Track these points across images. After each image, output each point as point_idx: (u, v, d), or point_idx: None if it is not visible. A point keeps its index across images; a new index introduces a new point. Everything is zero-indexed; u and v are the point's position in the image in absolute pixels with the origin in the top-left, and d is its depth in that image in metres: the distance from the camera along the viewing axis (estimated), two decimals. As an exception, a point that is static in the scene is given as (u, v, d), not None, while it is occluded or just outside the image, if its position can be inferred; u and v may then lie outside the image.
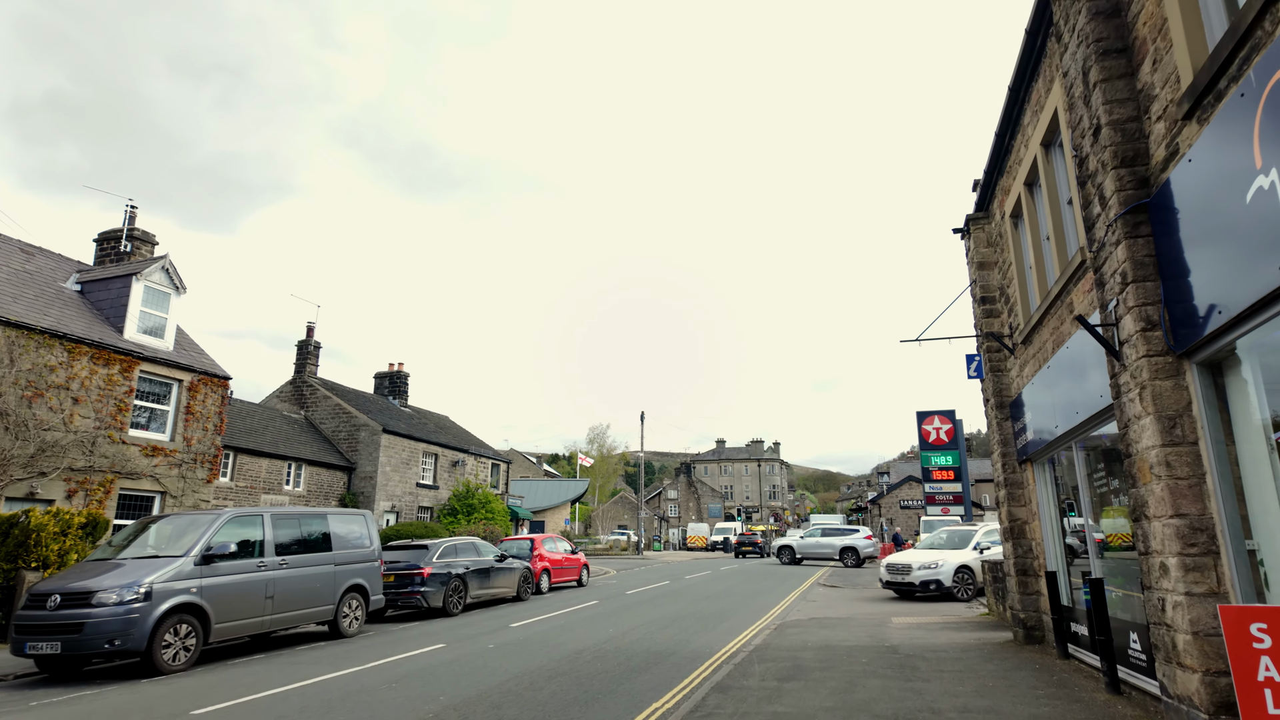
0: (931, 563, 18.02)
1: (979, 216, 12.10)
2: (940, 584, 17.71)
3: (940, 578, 17.74)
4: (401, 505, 31.35)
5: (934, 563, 18.00)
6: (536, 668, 9.77)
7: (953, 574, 17.76)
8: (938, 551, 18.82)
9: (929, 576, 17.82)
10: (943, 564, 17.91)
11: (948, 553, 18.47)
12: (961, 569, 17.86)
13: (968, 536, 19.09)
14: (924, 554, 18.99)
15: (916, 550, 20.13)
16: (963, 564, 17.92)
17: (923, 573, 17.92)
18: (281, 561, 11.85)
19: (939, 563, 17.97)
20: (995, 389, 11.39)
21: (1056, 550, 9.93)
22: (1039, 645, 10.34)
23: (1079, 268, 7.53)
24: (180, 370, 19.95)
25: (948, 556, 18.18)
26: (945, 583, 17.69)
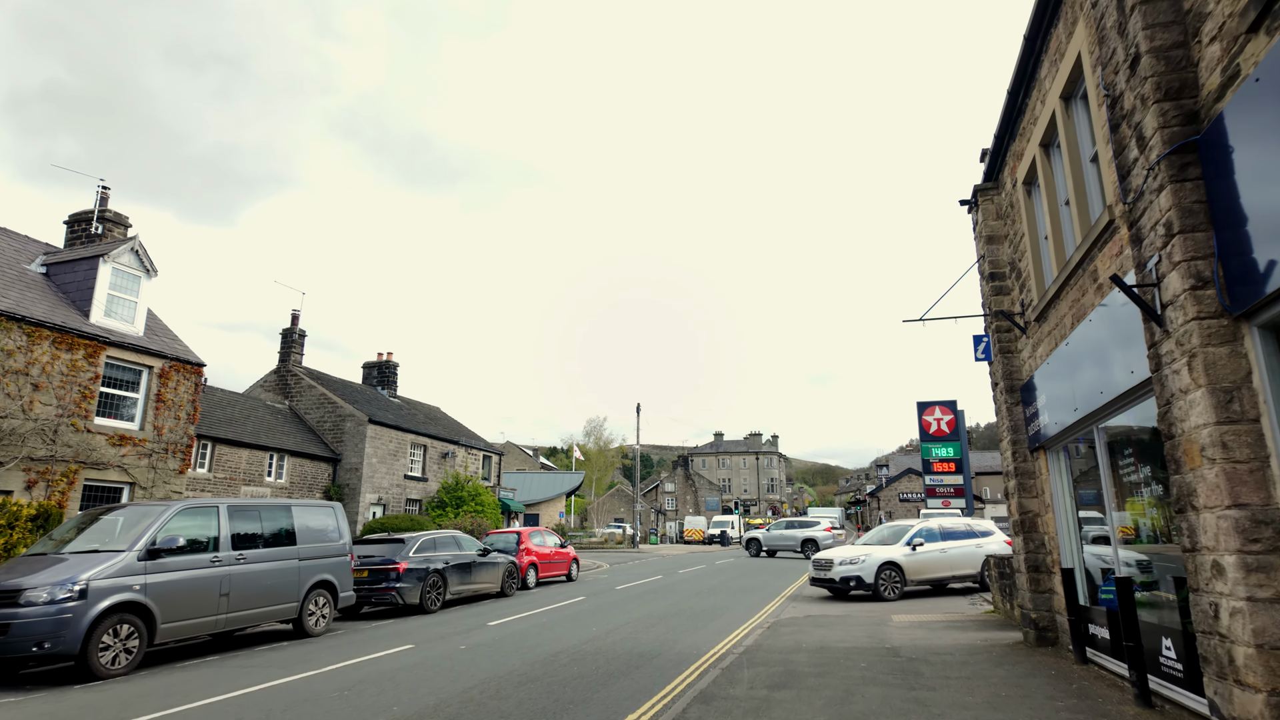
0: (854, 558, 16.83)
1: (987, 187, 11.27)
2: (861, 581, 16.48)
3: (862, 574, 16.50)
4: (389, 497, 30.58)
5: (857, 558, 16.80)
6: (507, 672, 8.98)
7: (876, 571, 16.43)
8: (866, 547, 17.65)
9: (850, 573, 16.63)
10: (866, 560, 16.65)
11: (875, 549, 17.25)
12: (887, 566, 16.59)
13: (902, 532, 17.95)
14: (850, 549, 17.94)
15: (846, 545, 19.01)
16: (888, 561, 16.64)
17: (843, 569, 16.76)
18: (239, 556, 11.05)
19: (862, 558, 16.74)
20: (1005, 372, 10.59)
21: (1071, 545, 9.15)
22: (1052, 648, 9.56)
23: (1106, 229, 6.70)
24: (150, 356, 19.12)
25: (874, 553, 16.95)
26: (866, 579, 16.43)
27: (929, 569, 17.08)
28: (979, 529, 18.45)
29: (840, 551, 17.82)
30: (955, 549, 17.53)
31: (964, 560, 17.54)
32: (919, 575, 16.92)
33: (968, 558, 17.58)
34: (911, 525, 18.35)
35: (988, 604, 15.72)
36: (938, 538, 17.55)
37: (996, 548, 17.65)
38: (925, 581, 17.08)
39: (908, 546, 17.03)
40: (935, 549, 17.28)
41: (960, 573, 17.45)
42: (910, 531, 17.68)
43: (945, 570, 17.28)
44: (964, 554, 17.57)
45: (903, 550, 16.95)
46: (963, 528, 18.24)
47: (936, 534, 17.63)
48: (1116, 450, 7.33)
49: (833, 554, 17.73)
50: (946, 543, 17.51)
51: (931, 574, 17.10)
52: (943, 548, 17.42)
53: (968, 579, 17.66)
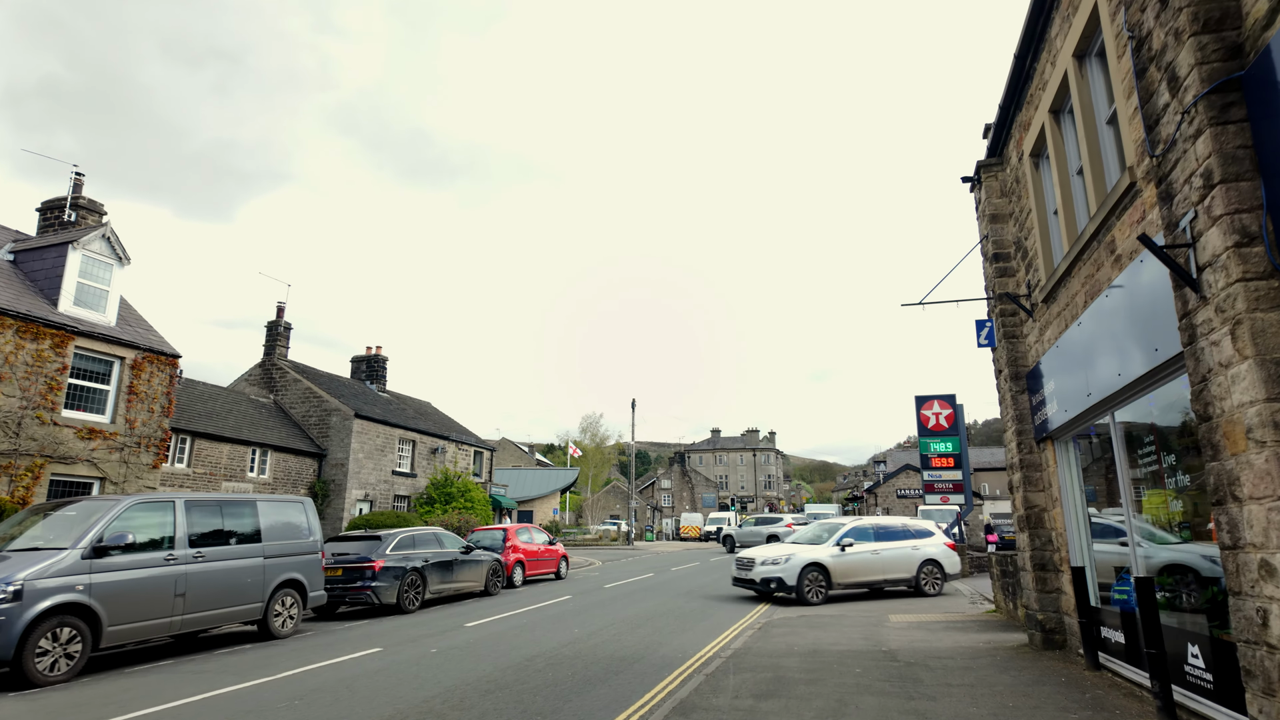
0: (778, 558, 15.54)
1: (991, 163, 10.64)
2: (783, 583, 15.14)
3: (784, 575, 15.16)
4: (376, 494, 29.93)
5: (780, 558, 15.50)
6: (476, 679, 8.35)
7: (799, 573, 15.12)
8: (792, 546, 16.41)
9: (771, 574, 15.34)
10: (790, 560, 15.34)
11: (802, 548, 15.96)
12: (811, 567, 15.26)
13: (834, 530, 16.68)
14: (774, 548, 16.79)
15: (771, 545, 17.74)
16: (813, 561, 15.31)
17: (765, 569, 15.50)
18: (196, 554, 10.40)
19: (786, 558, 15.43)
20: (1009, 358, 9.96)
21: (1081, 542, 8.53)
22: (1060, 651, 8.95)
23: (1125, 194, 6.07)
24: (122, 347, 18.44)
25: (799, 553, 15.64)
26: (789, 581, 15.07)
27: (858, 571, 15.89)
28: (917, 529, 17.32)
29: (764, 550, 16.64)
30: (889, 551, 16.37)
31: (897, 563, 16.35)
32: (847, 578, 15.72)
33: (902, 560, 16.41)
34: (843, 523, 17.18)
35: (989, 603, 15.12)
36: (870, 538, 16.42)
37: (935, 550, 16.76)
38: (854, 585, 15.96)
39: (836, 547, 15.83)
40: (866, 550, 16.09)
41: (893, 576, 16.28)
42: (840, 530, 16.49)
43: (877, 573, 16.11)
44: (898, 556, 16.40)
45: (830, 551, 15.73)
46: (899, 528, 17.13)
47: (870, 534, 16.52)
48: (1135, 439, 6.71)
49: (755, 552, 16.50)
50: (880, 544, 16.38)
51: (861, 577, 15.93)
52: (875, 549, 16.23)
53: (901, 583, 16.43)
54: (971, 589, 17.90)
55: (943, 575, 16.68)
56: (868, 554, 16.10)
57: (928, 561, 16.57)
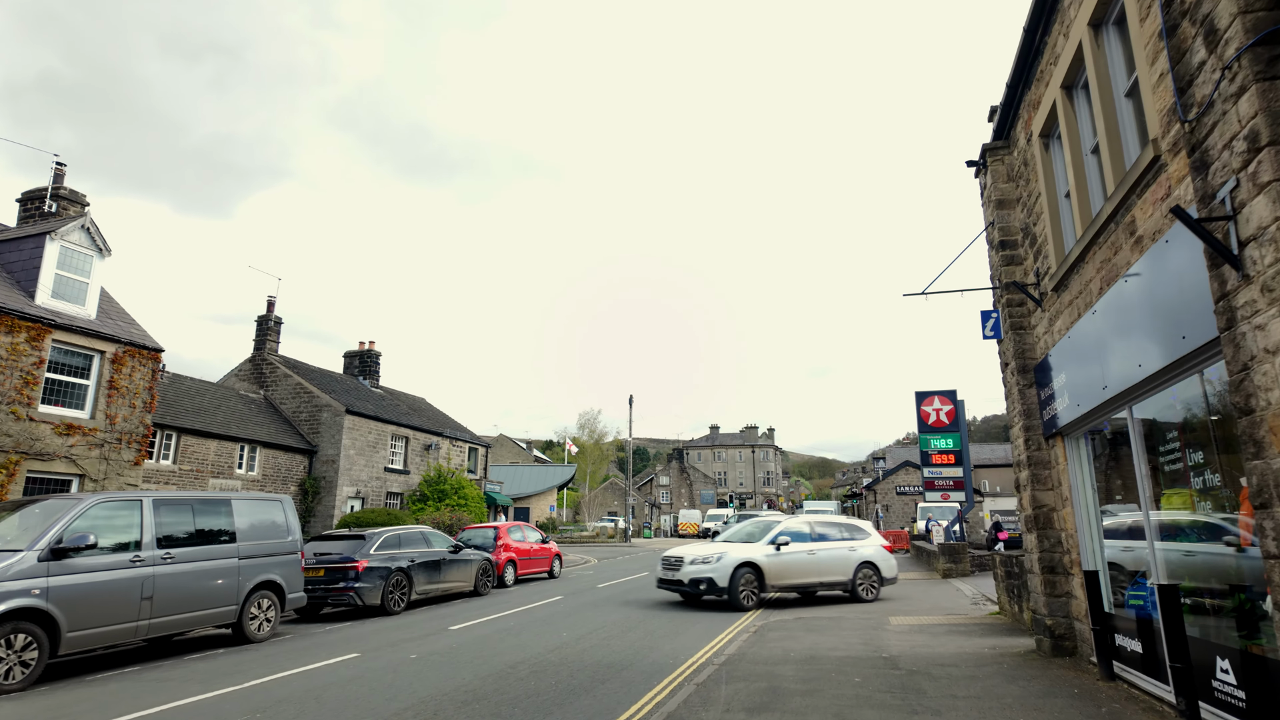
0: (708, 557, 14.24)
1: (997, 146, 10.16)
2: (713, 584, 13.93)
3: (714, 576, 13.93)
4: (368, 491, 29.47)
5: (711, 557, 14.21)
6: (454, 688, 7.90)
7: (730, 573, 13.94)
8: (724, 545, 15.17)
9: (701, 574, 14.04)
10: (721, 560, 14.10)
11: (734, 547, 14.77)
12: (744, 567, 14.09)
13: (768, 529, 15.46)
14: (704, 546, 15.37)
15: (701, 542, 15.86)
16: (746, 561, 14.15)
17: (694, 569, 14.16)
18: (165, 555, 9.94)
19: (717, 557, 14.17)
20: (1017, 350, 9.50)
21: (1093, 544, 8.08)
22: (1070, 658, 8.50)
23: (1149, 169, 5.60)
24: (103, 340, 17.96)
25: (730, 552, 14.42)
26: (719, 583, 13.90)
27: (794, 573, 14.80)
28: (854, 530, 16.34)
29: (693, 548, 15.32)
30: (826, 552, 15.30)
31: (834, 565, 15.29)
32: (781, 580, 14.64)
33: (839, 562, 15.37)
34: (778, 520, 16.01)
35: (992, 604, 14.69)
36: (807, 538, 15.30)
37: (872, 552, 15.80)
38: (789, 588, 14.93)
39: (771, 546, 14.68)
40: (802, 550, 14.96)
41: (829, 579, 15.22)
42: (776, 529, 15.34)
43: (812, 575, 15.02)
44: (835, 558, 15.34)
45: (765, 550, 14.56)
46: (837, 528, 16.10)
47: (806, 534, 15.41)
48: (1156, 434, 6.24)
49: (684, 551, 15.20)
50: (817, 544, 15.30)
51: (796, 579, 14.87)
52: (811, 549, 15.10)
53: (837, 586, 15.34)
54: (974, 589, 17.49)
55: (879, 579, 15.72)
56: (804, 554, 14.99)
57: (864, 564, 15.56)
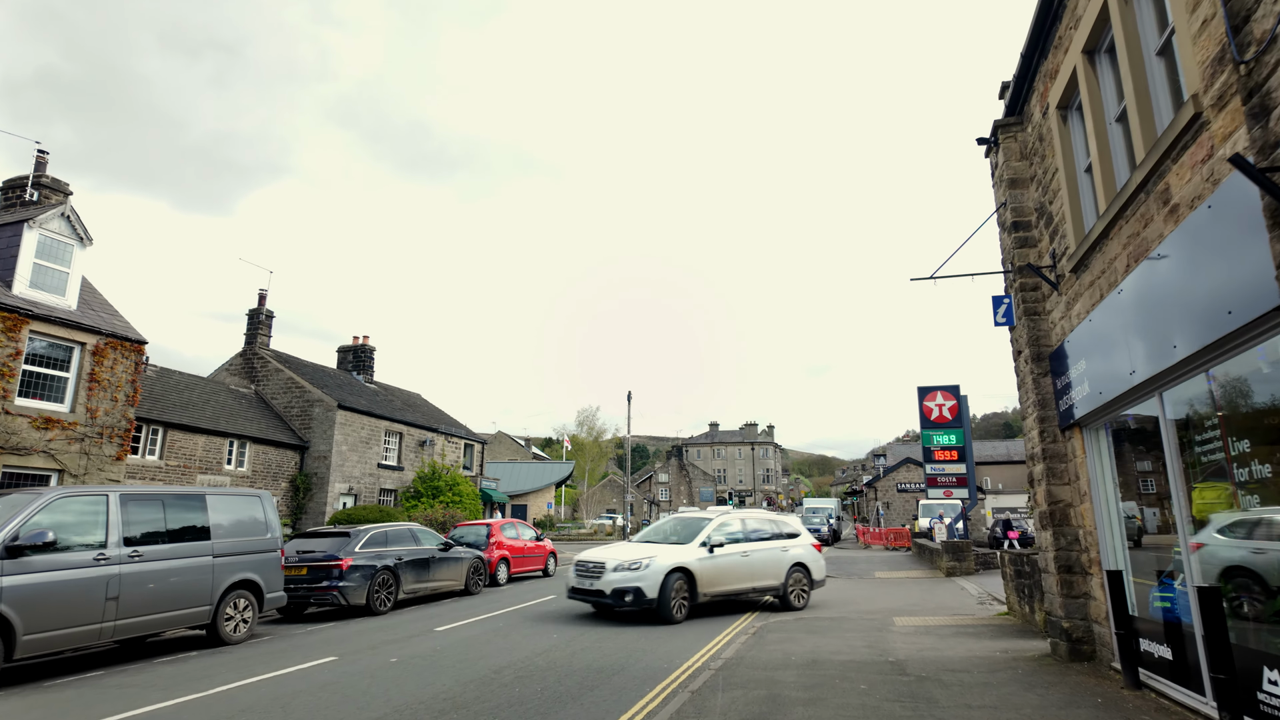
0: (634, 562, 12.07)
1: (1010, 122, 9.64)
2: (641, 595, 11.73)
3: (643, 585, 11.76)
4: (360, 487, 28.96)
5: (638, 562, 12.04)
6: (432, 696, 7.39)
7: (661, 581, 11.84)
8: (649, 547, 12.95)
9: (626, 583, 11.87)
10: (651, 565, 11.96)
11: (661, 549, 12.61)
12: (676, 574, 12.08)
13: (695, 527, 13.46)
14: (626, 549, 13.11)
15: (621, 545, 13.91)
16: (678, 566, 12.15)
17: (619, 577, 11.98)
18: (133, 553, 9.42)
19: (645, 562, 12.02)
20: (1031, 336, 8.98)
21: (1115, 542, 7.58)
22: (1089, 663, 8.00)
23: (1187, 129, 5.09)
24: (83, 332, 17.44)
25: (660, 555, 12.25)
26: (649, 593, 11.72)
27: (727, 578, 12.94)
28: (785, 528, 14.60)
29: (615, 551, 13.01)
30: (759, 553, 13.57)
31: (766, 567, 13.62)
32: (714, 587, 12.69)
33: (772, 564, 13.70)
34: (708, 518, 13.86)
35: (999, 604, 14.21)
36: (740, 538, 13.54)
37: (803, 552, 14.29)
38: (722, 595, 12.88)
39: (704, 548, 12.76)
40: (736, 552, 13.15)
41: (761, 584, 13.53)
42: (708, 527, 13.35)
43: (745, 580, 13.25)
44: (767, 559, 13.66)
45: (697, 553, 12.62)
46: (767, 526, 14.39)
47: (740, 533, 13.64)
48: (1192, 422, 5.73)
49: (605, 554, 12.81)
50: (751, 545, 13.57)
51: (730, 585, 12.98)
52: (745, 551, 13.33)
53: (769, 591, 13.72)
54: (979, 588, 17.00)
55: (809, 583, 14.27)
56: (737, 557, 13.16)
57: (796, 566, 14.03)
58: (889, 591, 16.97)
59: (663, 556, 12.20)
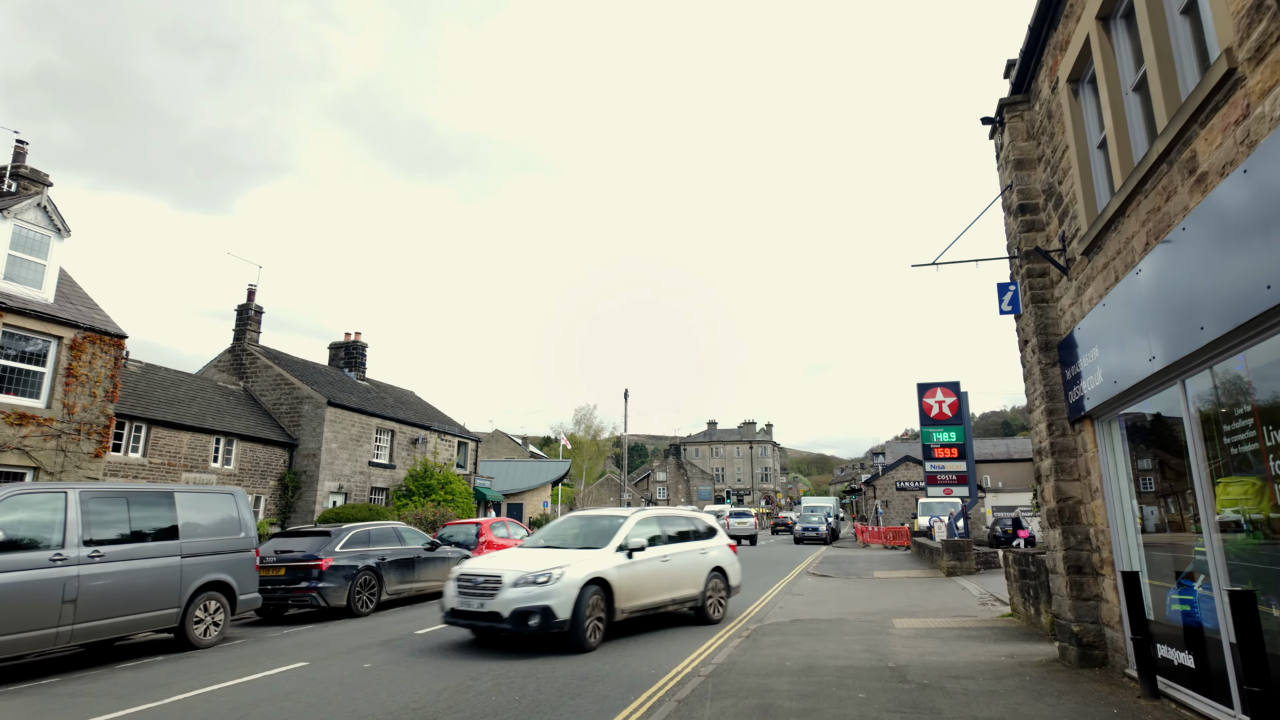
0: (539, 574, 9.39)
1: (1017, 100, 9.18)
2: (549, 616, 9.13)
3: (553, 603, 9.17)
4: (351, 485, 28.49)
5: (545, 574, 9.39)
6: (402, 706, 6.93)
7: (576, 597, 9.36)
8: (552, 553, 10.33)
9: (529, 601, 9.18)
10: (563, 577, 9.40)
11: (571, 556, 10.06)
12: (592, 587, 9.65)
13: (606, 529, 11.06)
14: (526, 557, 10.26)
15: (519, 551, 10.96)
16: (595, 576, 9.75)
17: (520, 594, 9.25)
18: (93, 554, 8.96)
19: (555, 573, 9.41)
20: (1038, 325, 8.53)
21: (1129, 541, 7.13)
22: (1100, 669, 7.55)
23: (1219, 87, 4.63)
24: (60, 325, 16.96)
25: (573, 565, 9.68)
26: (559, 613, 9.18)
27: (647, 589, 10.68)
28: (702, 526, 12.62)
29: (515, 561, 10.07)
30: (679, 556, 11.47)
31: (687, 574, 11.53)
32: (633, 601, 10.37)
33: (692, 571, 11.64)
34: (622, 516, 11.41)
35: (1001, 604, 13.76)
36: (662, 539, 11.43)
37: (721, 554, 12.37)
38: (640, 610, 10.58)
39: (621, 554, 10.42)
40: (656, 556, 10.98)
41: (681, 593, 11.38)
42: (626, 526, 10.98)
43: (665, 590, 11.04)
44: (688, 565, 11.59)
45: (614, 560, 10.25)
46: (684, 524, 12.38)
47: (659, 534, 11.47)
48: (1219, 411, 5.28)
49: (498, 563, 10.04)
50: (670, 547, 11.43)
51: (650, 597, 10.73)
52: (665, 555, 11.17)
53: (687, 602, 11.53)
54: (981, 588, 16.56)
55: (727, 590, 12.43)
56: (657, 562, 10.98)
57: (715, 571, 12.09)
58: (888, 592, 16.53)
59: (577, 565, 9.73)
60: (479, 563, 10.47)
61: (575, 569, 9.68)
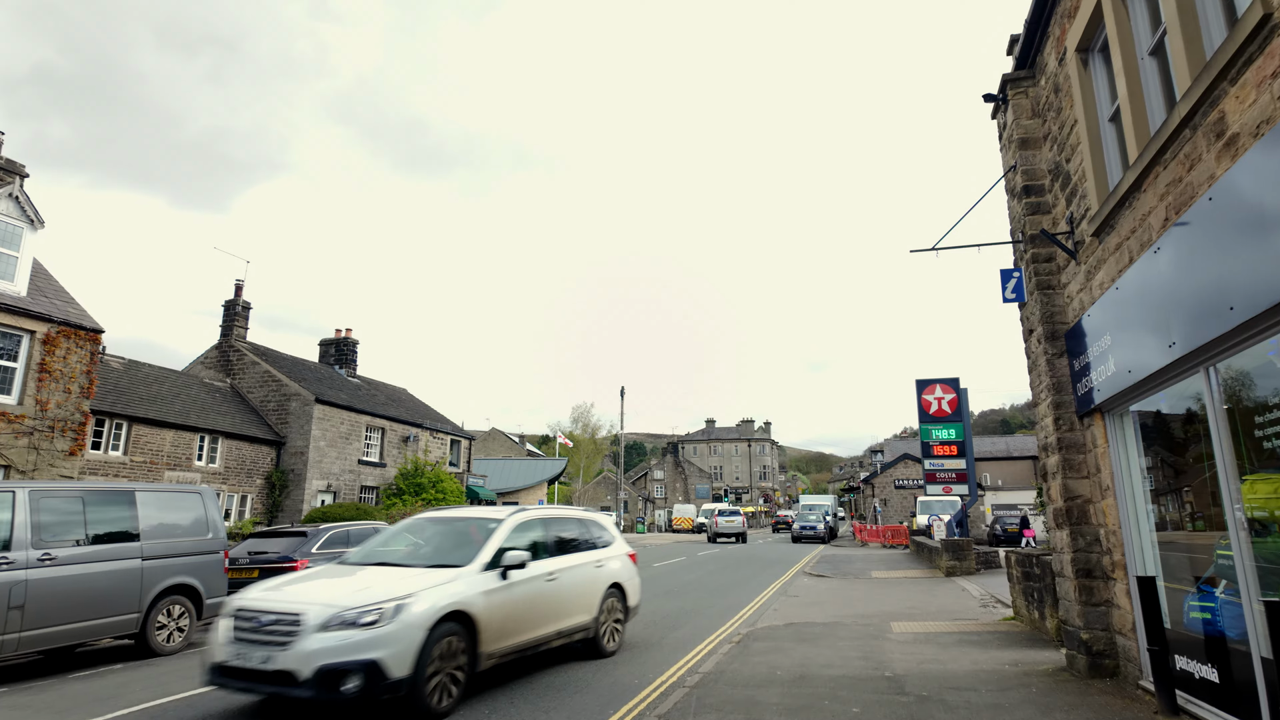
0: (364, 609, 6.23)
1: (1021, 77, 8.68)
2: (378, 675, 6.00)
3: (380, 655, 6.03)
4: (340, 484, 27.99)
5: (374, 607, 6.26)
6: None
7: (421, 641, 6.32)
8: (393, 573, 7.20)
9: (346, 655, 5.98)
10: (399, 614, 6.30)
11: (418, 577, 6.98)
12: (447, 624, 6.65)
13: (477, 537, 7.95)
14: (348, 582, 6.98)
15: (334, 570, 7.75)
16: (452, 609, 6.71)
17: (330, 640, 6.03)
18: (44, 557, 8.46)
19: (388, 606, 6.29)
20: (1044, 313, 8.04)
21: (1143, 543, 6.65)
22: (1112, 680, 7.07)
23: (1252, 37, 4.14)
24: (32, 319, 16.45)
25: (419, 592, 6.62)
26: (393, 670, 6.08)
27: (528, 622, 7.75)
28: (597, 532, 9.82)
29: (322, 588, 6.82)
30: (569, 573, 8.60)
31: (579, 596, 8.68)
32: (506, 640, 7.39)
33: (585, 590, 8.83)
34: (495, 519, 8.30)
35: (1003, 606, 13.28)
36: (547, 549, 8.50)
37: (620, 568, 9.67)
38: (517, 650, 7.63)
39: (492, 572, 7.42)
40: (539, 574, 8.04)
41: (570, 622, 8.47)
42: (500, 532, 7.94)
43: (550, 621, 8.11)
44: (580, 583, 8.75)
45: (483, 581, 7.26)
46: (575, 528, 9.43)
47: (545, 542, 8.57)
48: (1254, 403, 4.79)
49: (298, 594, 6.65)
50: (558, 561, 8.53)
51: (530, 633, 7.78)
52: (551, 571, 8.28)
53: (577, 633, 8.63)
54: (981, 589, 16.08)
55: (625, 612, 9.72)
56: (541, 582, 8.04)
57: (612, 589, 9.39)
58: (887, 593, 16.05)
59: (426, 594, 6.58)
60: (271, 590, 6.81)
61: (423, 599, 6.48)
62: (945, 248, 8.67)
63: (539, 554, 8.26)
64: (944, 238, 8.68)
